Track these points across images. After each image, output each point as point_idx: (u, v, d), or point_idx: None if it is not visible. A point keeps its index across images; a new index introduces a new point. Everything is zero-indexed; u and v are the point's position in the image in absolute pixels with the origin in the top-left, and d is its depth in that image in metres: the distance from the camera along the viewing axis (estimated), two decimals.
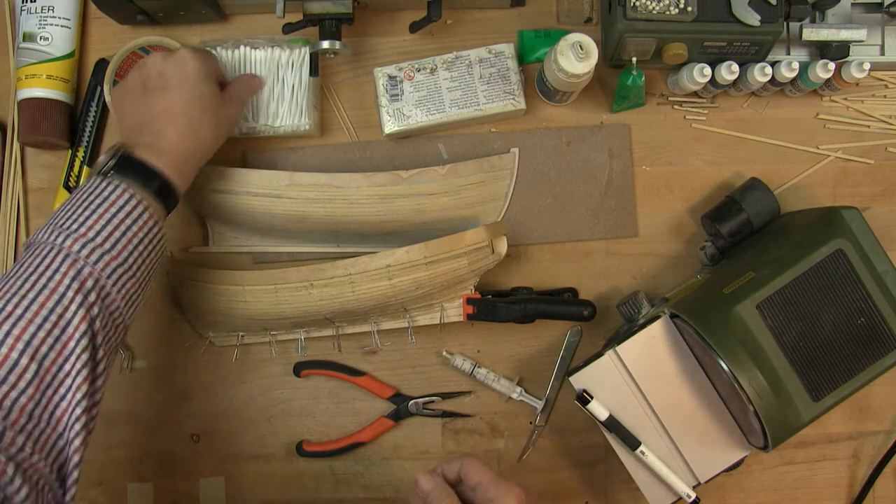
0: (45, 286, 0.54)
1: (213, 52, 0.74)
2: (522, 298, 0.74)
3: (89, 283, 0.55)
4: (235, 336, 0.76)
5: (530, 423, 0.77)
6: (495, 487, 0.57)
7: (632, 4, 0.69)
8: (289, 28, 0.72)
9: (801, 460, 0.77)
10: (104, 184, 0.59)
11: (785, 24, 0.74)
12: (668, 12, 0.69)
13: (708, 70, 0.72)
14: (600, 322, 0.76)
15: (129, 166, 0.61)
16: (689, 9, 0.69)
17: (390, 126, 0.76)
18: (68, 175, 0.77)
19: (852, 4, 0.76)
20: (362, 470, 0.77)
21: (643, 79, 0.73)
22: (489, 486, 0.57)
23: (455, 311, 0.73)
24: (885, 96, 0.79)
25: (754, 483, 0.77)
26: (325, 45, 0.72)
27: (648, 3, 0.68)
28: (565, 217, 0.78)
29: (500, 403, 0.77)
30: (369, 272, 0.68)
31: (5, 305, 0.53)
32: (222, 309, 0.72)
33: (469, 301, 0.73)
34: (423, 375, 0.77)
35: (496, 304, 0.73)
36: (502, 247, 0.72)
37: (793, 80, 0.75)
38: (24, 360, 0.51)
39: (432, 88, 0.76)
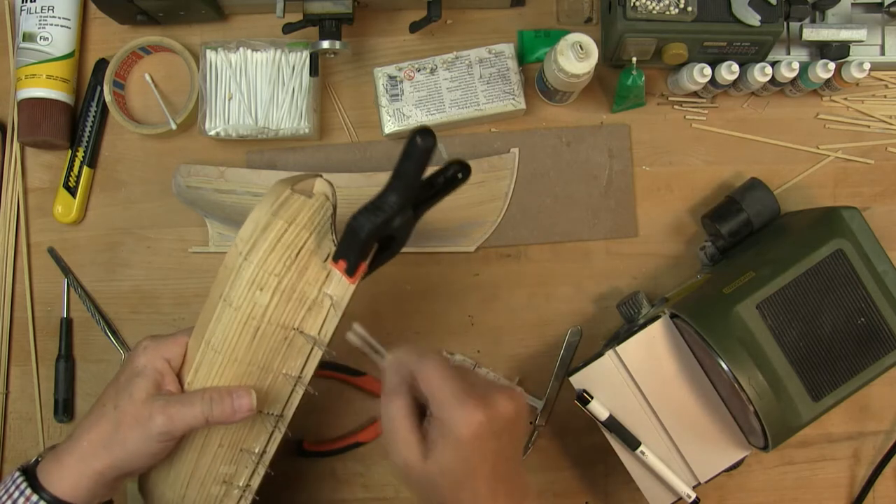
0: None
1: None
2: (373, 206, 0.50)
3: None
4: None
5: (530, 423, 0.76)
6: (448, 409, 0.48)
7: (632, 4, 0.69)
8: (289, 28, 0.72)
9: (801, 460, 0.77)
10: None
11: (785, 24, 0.74)
12: (668, 12, 0.69)
13: (708, 70, 0.72)
14: (600, 322, 0.76)
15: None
16: (689, 9, 0.69)
17: (390, 126, 0.76)
18: (68, 175, 0.77)
19: (852, 4, 0.76)
20: (362, 470, 0.77)
21: (643, 79, 0.73)
22: (442, 407, 0.48)
23: (339, 286, 0.55)
24: (885, 96, 0.79)
25: (754, 483, 0.77)
26: (325, 45, 0.72)
27: (648, 3, 0.68)
28: (565, 217, 0.78)
29: None
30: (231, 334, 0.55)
31: None
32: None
33: (335, 259, 0.54)
34: None
35: (355, 234, 0.51)
36: (319, 185, 0.56)
37: (793, 80, 0.75)
38: None
39: (432, 88, 0.76)
